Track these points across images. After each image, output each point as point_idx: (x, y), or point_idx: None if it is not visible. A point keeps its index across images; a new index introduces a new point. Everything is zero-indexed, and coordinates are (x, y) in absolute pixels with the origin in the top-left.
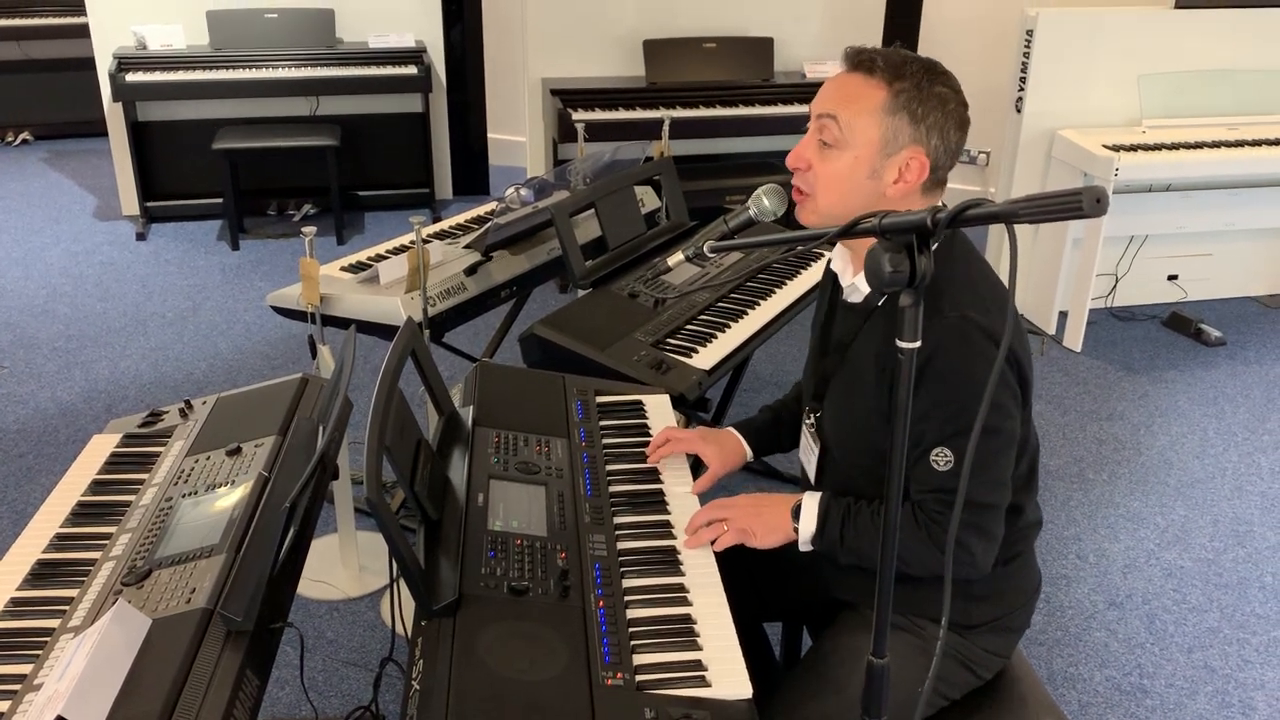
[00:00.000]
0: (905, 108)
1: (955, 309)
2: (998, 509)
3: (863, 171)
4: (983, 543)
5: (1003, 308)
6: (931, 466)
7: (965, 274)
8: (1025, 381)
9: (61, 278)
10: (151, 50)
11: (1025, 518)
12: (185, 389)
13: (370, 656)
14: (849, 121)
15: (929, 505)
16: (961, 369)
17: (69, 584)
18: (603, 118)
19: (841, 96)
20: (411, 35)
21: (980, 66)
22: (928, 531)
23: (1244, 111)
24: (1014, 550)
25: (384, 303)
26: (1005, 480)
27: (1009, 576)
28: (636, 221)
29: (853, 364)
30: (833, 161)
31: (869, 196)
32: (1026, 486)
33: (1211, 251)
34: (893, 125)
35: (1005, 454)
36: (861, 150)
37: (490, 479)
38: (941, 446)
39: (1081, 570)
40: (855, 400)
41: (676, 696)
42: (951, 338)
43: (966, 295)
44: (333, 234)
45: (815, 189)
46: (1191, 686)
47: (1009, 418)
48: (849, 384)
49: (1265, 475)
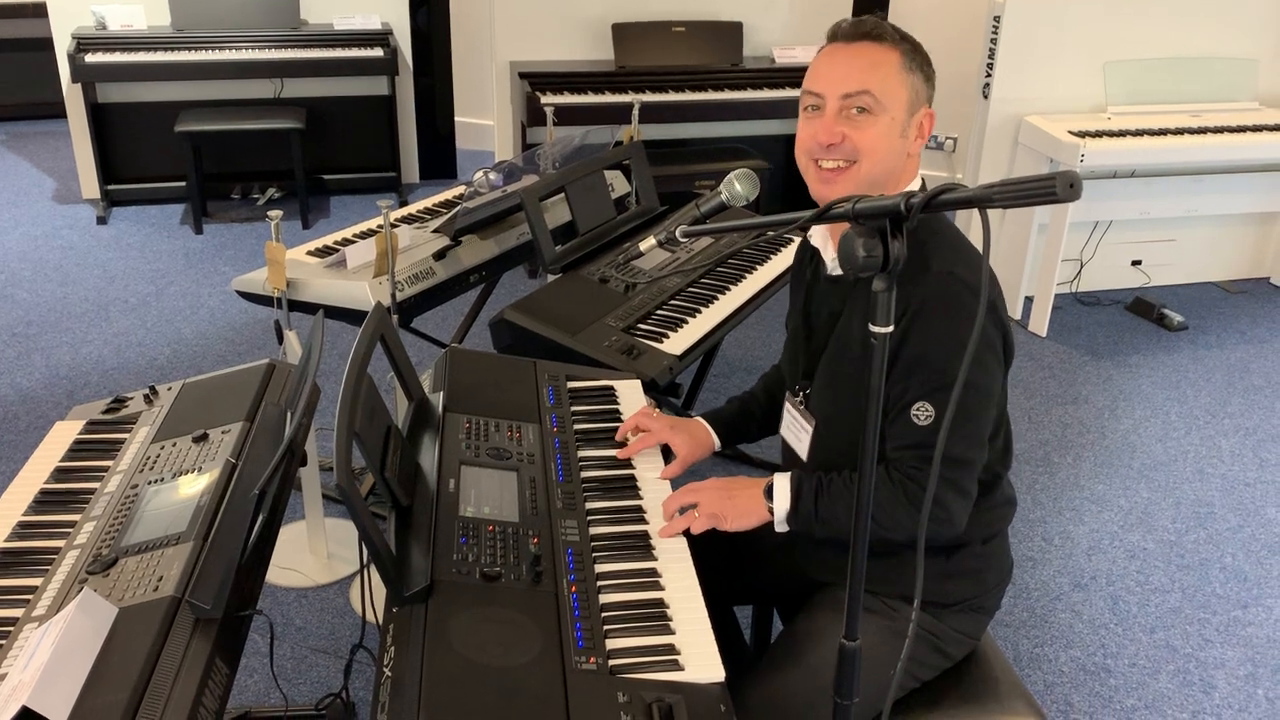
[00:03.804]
0: (918, 67)
1: (944, 265)
2: (974, 466)
3: (896, 131)
4: (959, 500)
5: (981, 265)
6: (911, 421)
7: (951, 235)
8: (1009, 345)
9: (20, 263)
10: (111, 31)
11: (1002, 491)
12: (149, 375)
13: (340, 644)
14: (882, 87)
15: (906, 462)
16: (948, 325)
17: (32, 573)
18: (572, 101)
19: (867, 67)
20: (377, 17)
21: (948, 52)
22: (904, 490)
23: (1207, 99)
24: (992, 530)
25: (352, 287)
26: (984, 438)
27: (987, 555)
28: (606, 206)
29: (841, 339)
30: (870, 126)
31: (900, 156)
32: (1003, 456)
33: (1174, 237)
34: (913, 85)
35: (986, 411)
36: (896, 112)
37: (461, 465)
38: (923, 401)
39: (1047, 552)
40: (844, 375)
41: (649, 680)
42: (938, 294)
43: (952, 254)
44: (298, 218)
45: (859, 155)
46: (1154, 666)
47: (990, 375)
48: (838, 359)
49: (1226, 458)
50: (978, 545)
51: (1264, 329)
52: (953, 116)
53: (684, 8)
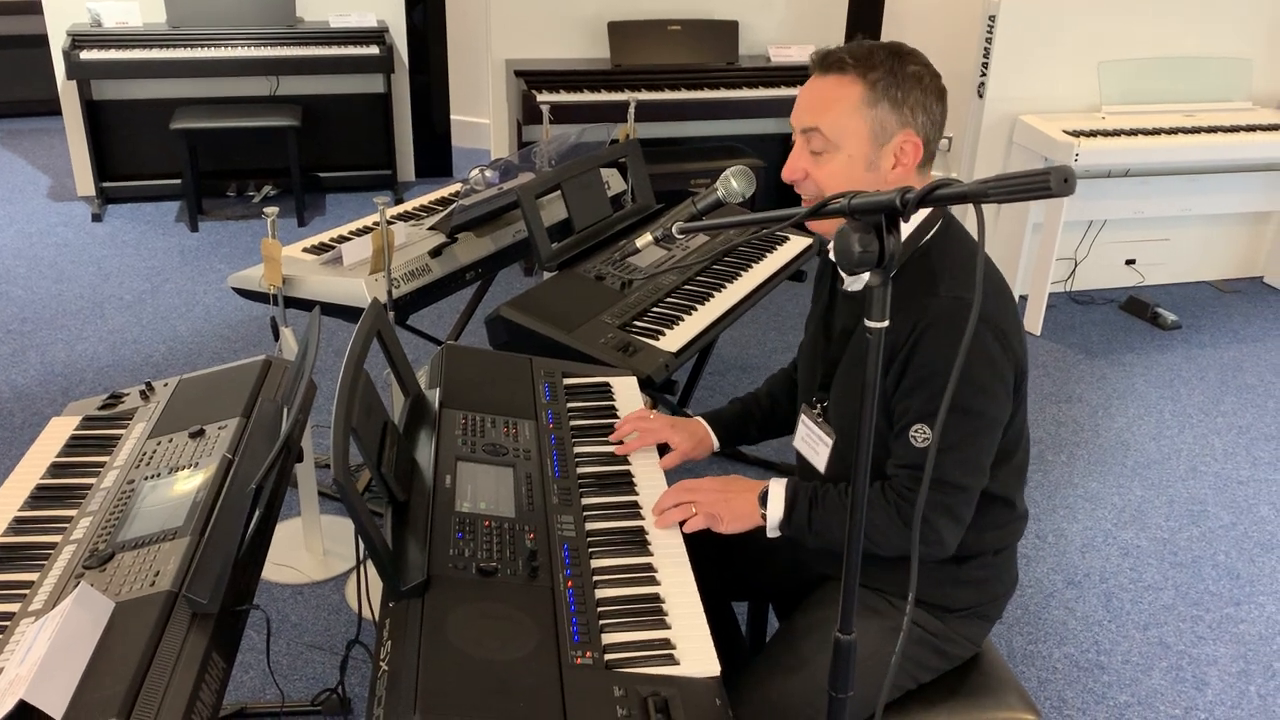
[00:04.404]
0: (885, 96)
1: (951, 290)
2: (970, 492)
3: (860, 166)
4: (951, 524)
5: (999, 294)
6: (909, 442)
7: (962, 257)
8: (1021, 372)
9: (15, 259)
10: (106, 27)
11: (1017, 510)
12: (144, 372)
13: (335, 640)
14: (832, 127)
15: (901, 481)
16: (950, 349)
17: (29, 568)
18: (567, 100)
19: (818, 104)
20: (373, 15)
21: (943, 52)
22: (896, 509)
23: (1202, 98)
24: (1005, 543)
25: (348, 284)
26: (983, 465)
27: (997, 566)
28: (602, 204)
29: (855, 351)
30: (828, 164)
31: (872, 187)
32: (1019, 480)
33: (1168, 236)
34: (877, 116)
35: (986, 437)
36: (853, 148)
37: (458, 461)
38: (921, 424)
39: (1041, 550)
40: (858, 387)
41: (645, 675)
42: (944, 318)
43: (965, 278)
44: (293, 215)
45: (822, 191)
46: (1147, 662)
47: (994, 403)
48: (852, 371)
49: (1219, 456)
50: (989, 555)
51: (1257, 328)
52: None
53: (680, 6)
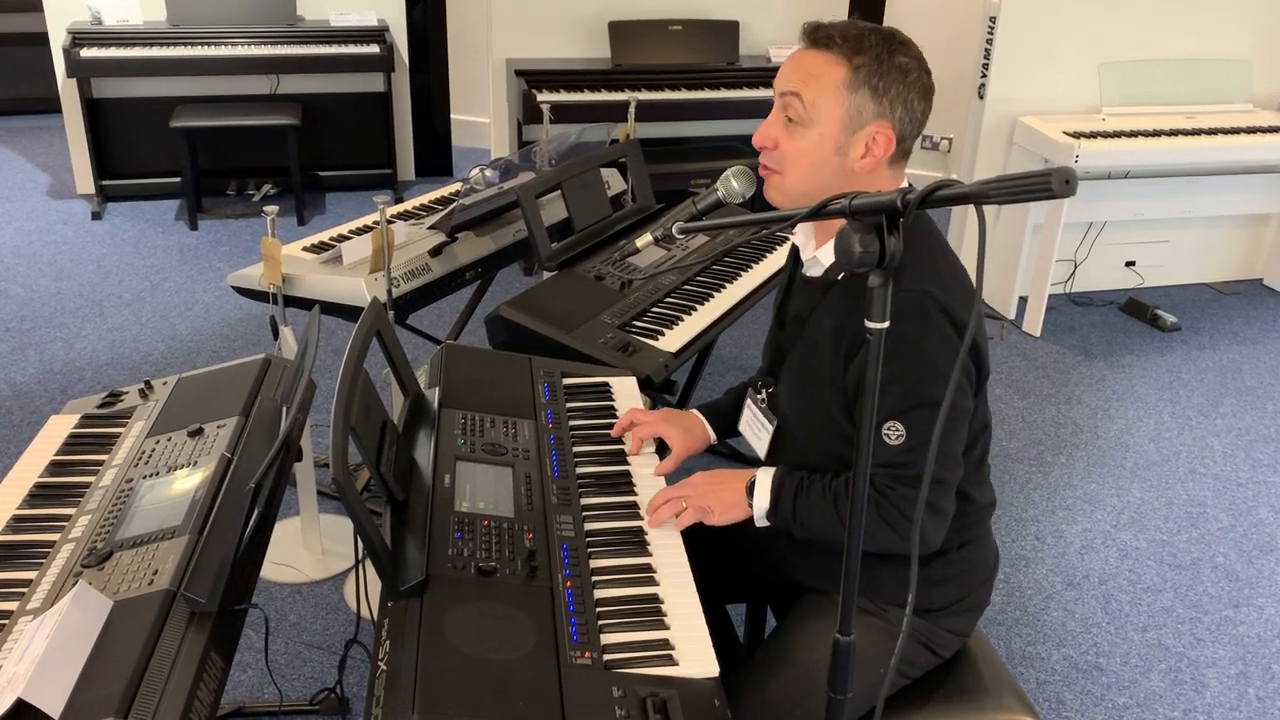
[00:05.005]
0: (866, 83)
1: (916, 284)
2: (948, 485)
3: (829, 148)
4: (934, 519)
5: (961, 287)
6: (882, 440)
7: (927, 251)
8: (981, 362)
9: (14, 258)
10: (107, 25)
11: (975, 503)
12: (143, 371)
13: (334, 639)
14: (812, 100)
15: (878, 479)
16: (917, 344)
17: (27, 566)
18: (568, 99)
19: (803, 74)
20: (374, 13)
21: (944, 52)
22: (876, 506)
23: (1202, 100)
24: (968, 535)
25: (348, 283)
26: (957, 456)
27: (965, 560)
28: (602, 204)
29: (810, 338)
30: (799, 139)
31: (836, 173)
32: (977, 472)
33: (1168, 238)
34: (855, 102)
35: (959, 429)
36: (826, 128)
37: (457, 460)
38: (893, 421)
39: (1040, 551)
40: (811, 374)
41: (644, 675)
42: (910, 312)
43: (927, 272)
44: (293, 214)
45: (784, 166)
46: (1146, 664)
47: (962, 394)
48: (805, 358)
49: (1218, 458)
50: (954, 552)
51: (1256, 330)
52: (948, 117)
53: (680, 6)
